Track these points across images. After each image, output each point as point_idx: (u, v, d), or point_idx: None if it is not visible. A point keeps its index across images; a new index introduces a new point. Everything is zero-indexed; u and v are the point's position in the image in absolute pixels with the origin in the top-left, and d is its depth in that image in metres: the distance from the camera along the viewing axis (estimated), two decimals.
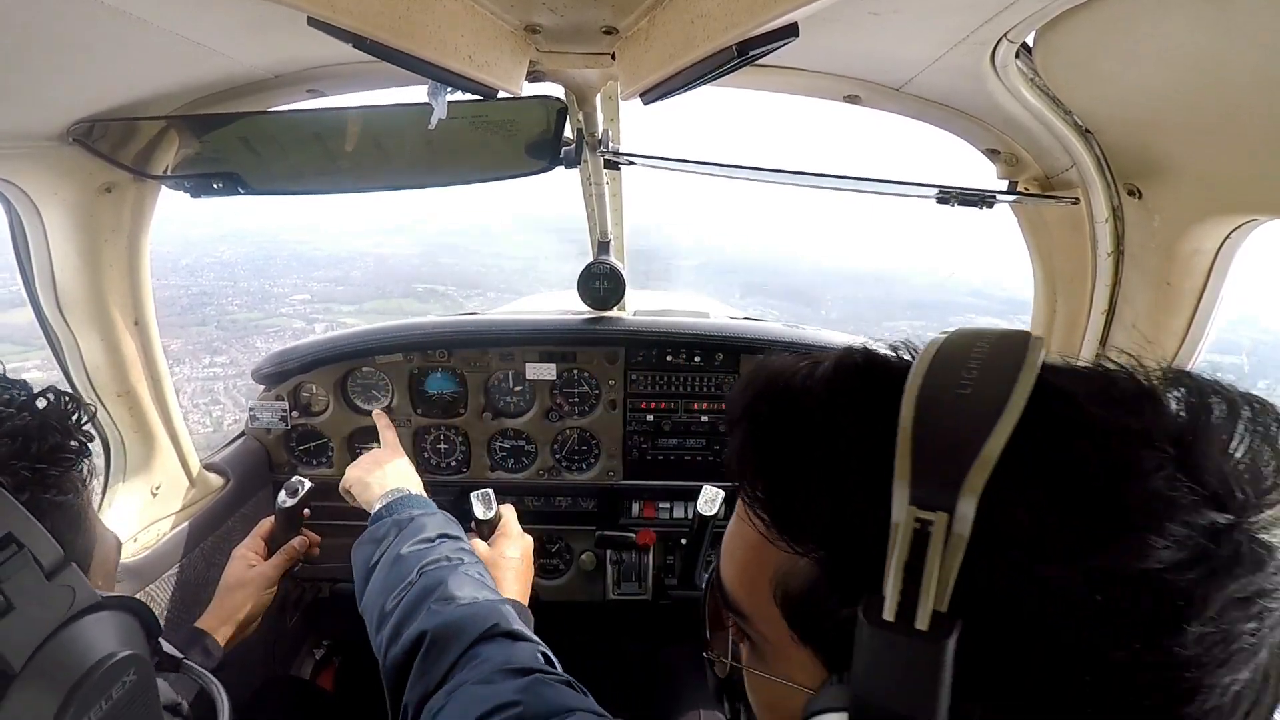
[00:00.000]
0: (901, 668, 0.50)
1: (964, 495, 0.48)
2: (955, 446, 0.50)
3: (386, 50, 1.04)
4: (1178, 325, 1.45)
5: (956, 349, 0.57)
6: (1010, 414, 0.50)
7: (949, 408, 0.52)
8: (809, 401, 0.62)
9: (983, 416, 0.50)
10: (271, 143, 1.70)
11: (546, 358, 2.57)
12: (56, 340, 1.78)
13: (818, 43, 1.40)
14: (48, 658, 0.74)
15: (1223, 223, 1.30)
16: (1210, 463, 0.50)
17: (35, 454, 0.88)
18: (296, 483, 1.99)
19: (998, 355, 0.55)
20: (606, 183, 2.24)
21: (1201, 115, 1.13)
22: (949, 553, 0.48)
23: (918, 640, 0.48)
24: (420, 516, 1.74)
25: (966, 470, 0.48)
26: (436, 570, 1.54)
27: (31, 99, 1.36)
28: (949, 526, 0.48)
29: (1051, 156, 1.57)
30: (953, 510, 0.48)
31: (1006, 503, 0.49)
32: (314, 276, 48.12)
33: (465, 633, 1.32)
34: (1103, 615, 0.48)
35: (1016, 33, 1.16)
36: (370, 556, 1.68)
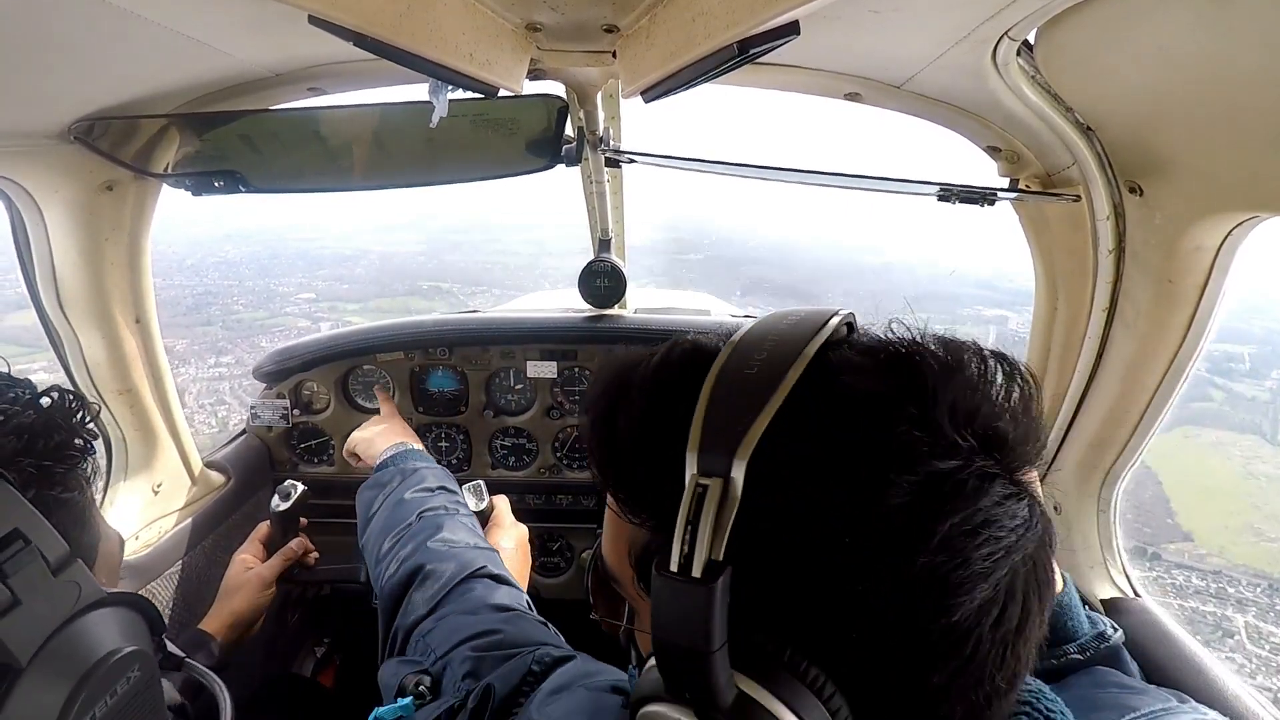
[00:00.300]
0: (681, 610, 0.57)
1: (735, 462, 0.57)
2: (732, 421, 0.59)
3: (387, 48, 1.04)
4: (1179, 322, 1.44)
5: (756, 334, 0.67)
6: (781, 391, 0.60)
7: (736, 387, 0.62)
8: (636, 392, 0.71)
9: (759, 394, 0.60)
10: (272, 141, 1.70)
11: (547, 355, 2.57)
12: (58, 338, 1.78)
13: (818, 40, 1.40)
14: (54, 652, 0.74)
15: (1224, 220, 1.29)
16: (948, 415, 0.60)
17: (41, 451, 0.89)
18: (290, 486, 1.99)
19: (786, 339, 0.65)
20: (607, 181, 2.24)
21: (1203, 112, 1.13)
22: (723, 511, 0.57)
23: (693, 585, 0.56)
24: (422, 468, 1.86)
25: (738, 442, 0.57)
26: (434, 516, 1.65)
27: (33, 97, 1.36)
28: (724, 489, 0.57)
29: (1053, 154, 1.57)
30: (727, 475, 0.57)
31: (779, 465, 0.59)
32: (319, 275, 47.98)
33: (457, 569, 1.44)
34: (851, 550, 0.57)
35: (1018, 30, 1.16)
36: (374, 499, 1.79)
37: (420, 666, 1.24)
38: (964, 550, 0.57)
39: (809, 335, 0.64)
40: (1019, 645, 0.61)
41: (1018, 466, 0.63)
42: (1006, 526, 0.58)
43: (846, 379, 0.62)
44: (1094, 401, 1.68)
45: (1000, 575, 0.58)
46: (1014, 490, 0.60)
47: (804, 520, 0.59)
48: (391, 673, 1.27)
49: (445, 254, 62.02)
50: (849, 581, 0.57)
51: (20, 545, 0.73)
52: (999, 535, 0.58)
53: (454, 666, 1.18)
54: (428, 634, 1.29)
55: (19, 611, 0.72)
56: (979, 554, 0.57)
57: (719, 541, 0.56)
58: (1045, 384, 1.89)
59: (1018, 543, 0.59)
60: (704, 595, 0.56)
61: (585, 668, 1.11)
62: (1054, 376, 1.84)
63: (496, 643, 1.19)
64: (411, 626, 1.35)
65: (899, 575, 0.56)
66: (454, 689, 1.14)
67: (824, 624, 0.59)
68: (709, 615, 0.56)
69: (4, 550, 0.72)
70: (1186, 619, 12.87)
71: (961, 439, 0.59)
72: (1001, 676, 0.60)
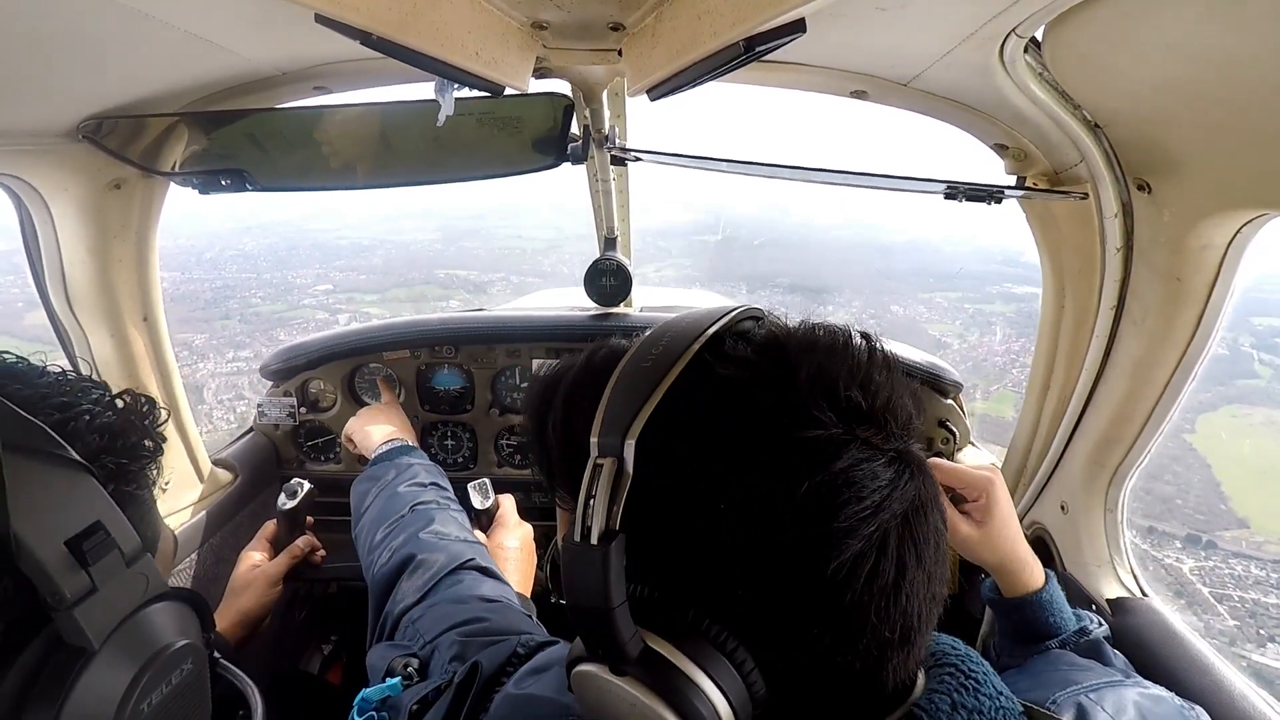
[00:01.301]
0: (583, 572, 0.65)
1: (626, 443, 0.65)
2: (626, 408, 0.67)
3: (393, 47, 1.04)
4: (1188, 320, 1.44)
5: (657, 332, 0.75)
6: (666, 381, 0.67)
7: (633, 378, 0.69)
8: (562, 392, 0.82)
9: (649, 383, 0.68)
10: (279, 139, 1.71)
11: (553, 354, 2.57)
12: (66, 336, 1.79)
13: (825, 38, 1.39)
14: (122, 639, 0.80)
15: (1233, 218, 1.29)
16: (808, 391, 0.66)
17: (119, 449, 0.94)
18: (296, 484, 1.99)
19: (681, 334, 0.72)
20: (613, 179, 2.24)
21: (1212, 109, 1.12)
22: (616, 487, 0.65)
23: (590, 549, 0.64)
24: (416, 465, 1.92)
25: (628, 425, 0.65)
26: (426, 509, 1.70)
27: (41, 96, 1.36)
28: (617, 467, 0.65)
29: (1060, 151, 1.57)
30: (619, 455, 0.65)
31: (665, 444, 0.67)
32: (336, 266, 47.73)
33: (447, 560, 1.48)
34: (727, 514, 0.65)
35: (1025, 27, 1.16)
36: (368, 491, 1.84)
37: (408, 650, 1.29)
38: (827, 508, 0.63)
39: (698, 331, 0.72)
40: (900, 598, 0.66)
41: (883, 434, 0.68)
42: (868, 487, 0.64)
43: (725, 368, 0.70)
44: (1101, 400, 1.67)
45: (869, 531, 0.64)
46: (873, 454, 0.66)
47: (686, 491, 0.67)
48: (380, 656, 1.32)
49: (462, 240, 61.84)
50: (730, 542, 0.65)
51: (102, 536, 0.78)
52: (861, 495, 0.64)
53: (441, 650, 1.23)
54: (417, 620, 1.34)
55: (96, 598, 0.77)
56: (844, 512, 0.63)
57: (614, 512, 0.64)
58: (1052, 382, 1.88)
59: (883, 502, 0.65)
60: (599, 557, 0.63)
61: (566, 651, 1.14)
62: (1061, 375, 1.83)
63: (484, 629, 1.24)
64: (401, 613, 1.39)
65: (772, 534, 0.64)
66: (441, 671, 1.19)
67: (713, 583, 0.67)
68: (605, 576, 0.63)
69: (88, 539, 0.76)
70: (1247, 612, 12.45)
71: (820, 411, 0.65)
72: (887, 628, 0.66)
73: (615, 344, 0.83)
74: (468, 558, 1.50)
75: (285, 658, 2.59)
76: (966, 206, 1.70)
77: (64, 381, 0.96)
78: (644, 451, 0.65)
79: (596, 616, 0.65)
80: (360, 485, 1.88)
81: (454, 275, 49.55)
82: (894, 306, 41.44)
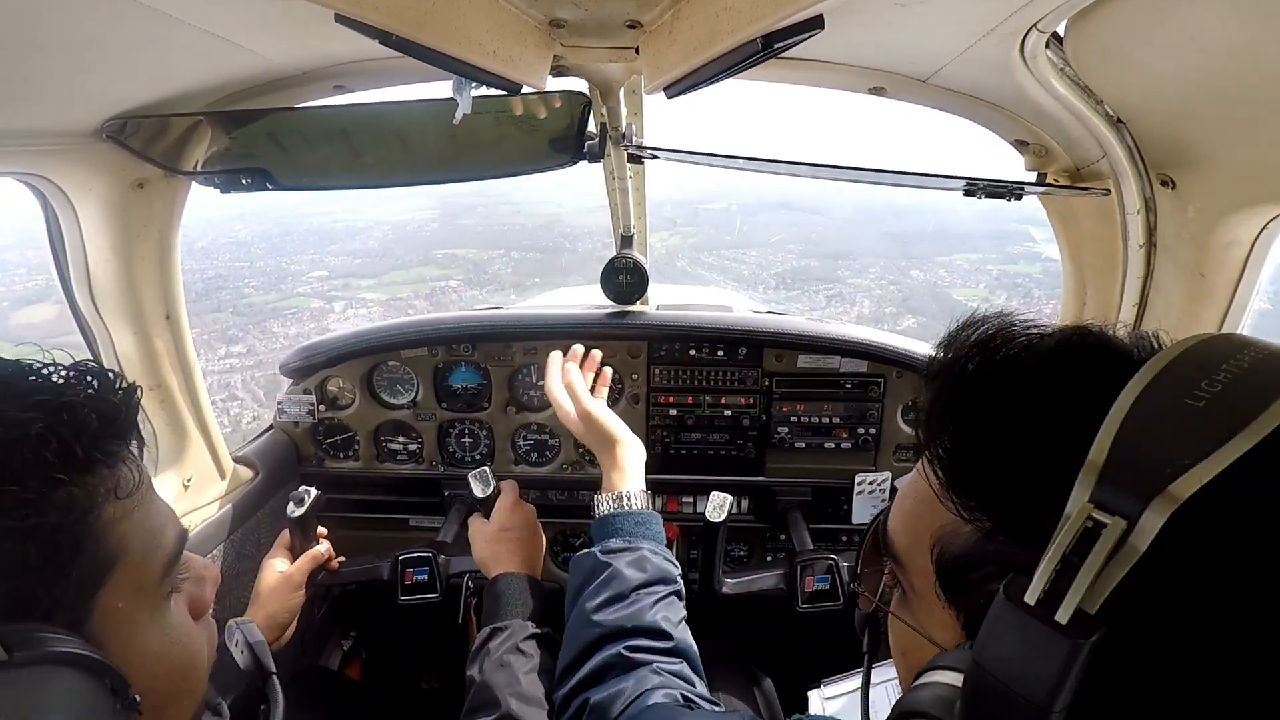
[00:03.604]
0: (1026, 651, 0.48)
1: (1153, 508, 0.45)
2: (1160, 456, 0.47)
3: (412, 46, 1.05)
4: (1212, 317, 1.42)
5: (1206, 356, 0.52)
6: (1244, 439, 0.45)
7: (1170, 413, 0.49)
8: (1019, 369, 0.60)
9: (1208, 434, 0.47)
10: (299, 138, 1.72)
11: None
12: (90, 333, 1.82)
13: (843, 35, 1.39)
14: None
15: (1259, 213, 1.27)
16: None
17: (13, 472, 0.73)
18: (303, 492, 2.00)
19: (1256, 373, 0.50)
20: (630, 177, 2.24)
21: (1238, 103, 1.11)
22: (1117, 561, 0.46)
23: (1054, 632, 0.47)
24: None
25: (1165, 484, 0.45)
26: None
27: (66, 96, 1.38)
28: (1125, 534, 0.46)
29: (1082, 147, 1.55)
30: (1133, 519, 0.46)
31: (1205, 530, 0.46)
32: (331, 250, 46.84)
33: None
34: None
35: (1046, 22, 1.15)
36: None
37: None
38: None
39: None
40: None
41: None
42: None
43: None
44: None
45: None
46: None
47: (1235, 611, 0.46)
48: None
49: (459, 218, 60.83)
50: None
51: None
52: None
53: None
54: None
55: None
56: None
57: (1096, 594, 0.46)
58: None
59: None
60: (1064, 648, 0.46)
61: None
62: None
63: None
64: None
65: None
66: None
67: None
68: (1063, 673, 0.46)
69: None
70: None
71: None
72: None
73: (1106, 339, 0.61)
74: None
75: (306, 655, 2.62)
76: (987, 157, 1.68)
77: None
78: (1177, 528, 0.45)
79: (1018, 710, 0.49)
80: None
81: (452, 255, 48.60)
82: (914, 271, 40.69)
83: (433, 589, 2.15)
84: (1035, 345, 0.61)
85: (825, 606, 2.15)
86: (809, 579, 2.16)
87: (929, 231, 48.50)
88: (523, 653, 1.50)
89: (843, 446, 2.62)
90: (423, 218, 59.82)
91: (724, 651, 2.34)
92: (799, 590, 2.15)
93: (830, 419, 2.60)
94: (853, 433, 2.60)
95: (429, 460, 2.71)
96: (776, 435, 2.63)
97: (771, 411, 2.61)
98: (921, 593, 0.68)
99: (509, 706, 1.37)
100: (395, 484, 2.74)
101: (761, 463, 2.67)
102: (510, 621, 1.57)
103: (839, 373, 2.55)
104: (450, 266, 46.23)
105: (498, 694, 1.40)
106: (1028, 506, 0.53)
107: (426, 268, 45.89)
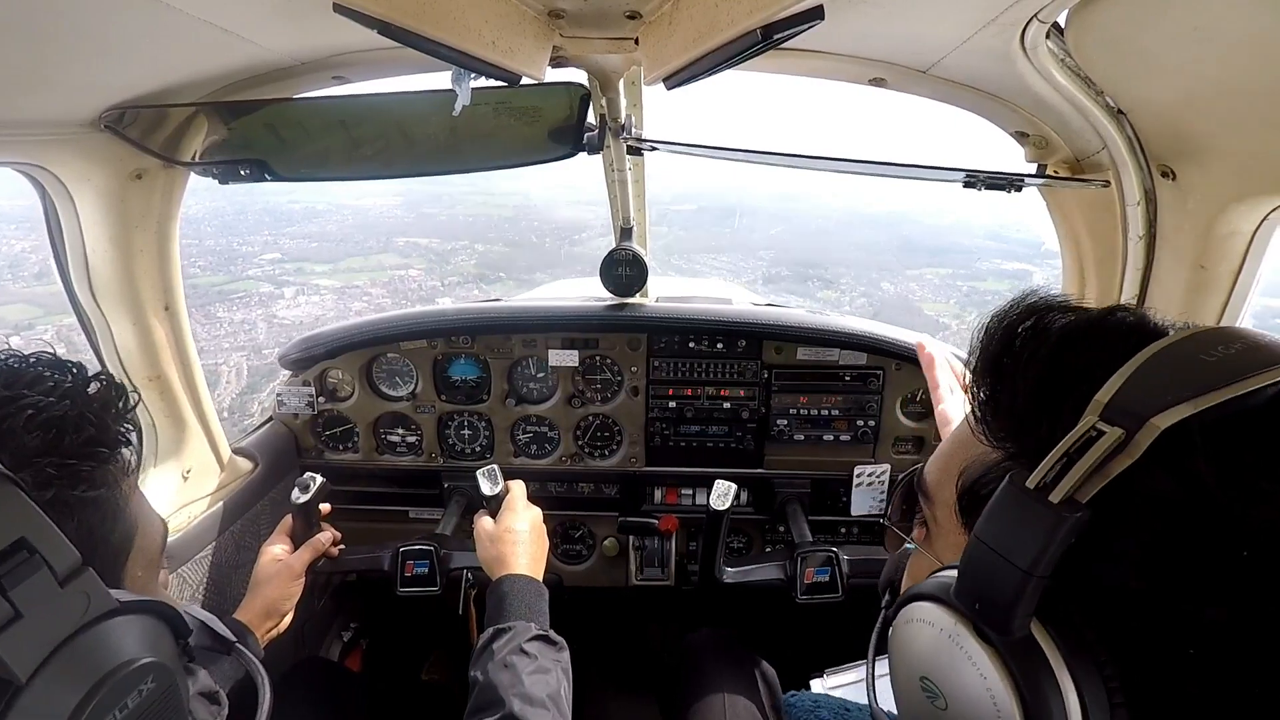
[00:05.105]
0: (1019, 526, 0.56)
1: (1150, 421, 0.52)
2: (1164, 391, 0.53)
3: (411, 36, 1.04)
4: (1212, 308, 1.42)
5: (1228, 333, 0.59)
6: (1241, 385, 0.52)
7: (1185, 361, 0.56)
8: (1058, 327, 0.66)
9: (1209, 377, 0.53)
10: (298, 129, 1.72)
11: (569, 344, 2.58)
12: (90, 324, 1.82)
13: (843, 25, 1.38)
14: (59, 666, 0.71)
15: (1261, 204, 1.27)
16: None
17: (66, 448, 0.87)
18: (309, 479, 2.00)
19: (1270, 348, 0.56)
20: (629, 169, 2.23)
21: (1240, 94, 1.11)
22: (1110, 461, 0.53)
23: (1044, 508, 0.54)
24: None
25: (1163, 409, 0.52)
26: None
27: (64, 86, 1.38)
28: (1121, 442, 0.53)
29: (1082, 139, 1.55)
30: (1131, 432, 0.52)
31: (1196, 451, 0.52)
32: (286, 233, 45.11)
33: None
34: (1229, 580, 0.52)
35: (1047, 12, 1.14)
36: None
37: None
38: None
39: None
40: None
41: None
42: None
43: None
44: None
45: None
46: None
47: (1201, 523, 0.52)
48: None
49: (424, 206, 59.59)
50: (1228, 614, 0.52)
51: (24, 556, 0.70)
52: None
53: None
54: None
55: (19, 625, 0.68)
56: None
57: (1089, 486, 0.53)
58: None
59: None
60: (1051, 520, 0.54)
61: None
62: None
63: None
64: None
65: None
66: None
67: (1159, 640, 0.55)
68: (1048, 541, 0.54)
69: (5, 562, 0.68)
70: None
71: None
72: None
73: (1144, 316, 0.67)
74: None
75: (305, 645, 2.63)
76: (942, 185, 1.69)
77: (12, 371, 0.89)
78: (1163, 446, 0.52)
79: (1004, 571, 0.56)
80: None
81: (415, 244, 47.28)
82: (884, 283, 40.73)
83: (433, 582, 2.16)
84: (1082, 313, 0.68)
85: (825, 598, 2.16)
86: (809, 570, 2.17)
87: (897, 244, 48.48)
88: (526, 654, 1.51)
89: (841, 439, 2.62)
90: (386, 203, 58.33)
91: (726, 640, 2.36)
92: (799, 581, 2.16)
93: (829, 411, 2.60)
94: (851, 425, 2.61)
95: (428, 452, 2.71)
96: (775, 427, 2.63)
97: (771, 404, 2.61)
98: (942, 523, 0.79)
99: (513, 707, 1.38)
100: (395, 476, 2.75)
101: (760, 455, 2.67)
102: (514, 623, 1.58)
103: (838, 365, 2.56)
104: (411, 255, 44.90)
105: (502, 694, 1.41)
106: (1044, 431, 0.60)
107: (385, 255, 44.90)
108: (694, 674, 2.19)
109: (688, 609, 2.91)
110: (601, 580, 2.80)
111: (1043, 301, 0.71)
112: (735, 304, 2.96)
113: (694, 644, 2.39)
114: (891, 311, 34.99)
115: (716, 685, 2.12)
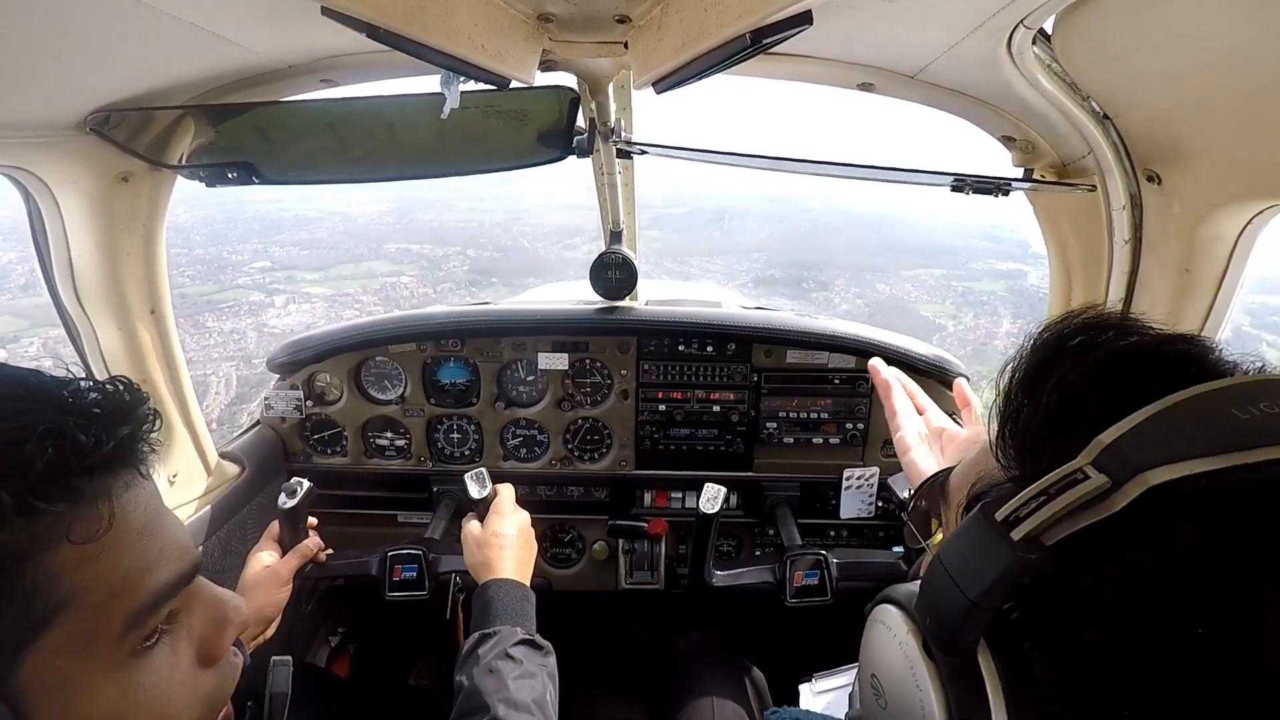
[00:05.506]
0: (976, 554, 0.55)
1: (1135, 481, 0.49)
2: (1181, 438, 0.50)
3: (400, 40, 1.04)
4: (1197, 312, 1.43)
5: (1262, 386, 0.54)
6: (1258, 453, 0.47)
7: (1213, 413, 0.51)
8: (1111, 350, 0.62)
9: (1232, 436, 0.49)
10: (286, 132, 1.71)
11: (559, 347, 2.58)
12: (75, 329, 1.80)
13: (832, 30, 1.39)
14: None
15: (1245, 208, 1.28)
16: None
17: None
18: (295, 484, 1.99)
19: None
20: (619, 172, 2.23)
21: (1224, 99, 1.12)
22: (1084, 510, 0.50)
23: (999, 541, 0.53)
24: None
25: (1164, 460, 0.48)
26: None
27: (49, 88, 1.37)
28: (1105, 491, 0.49)
29: (1068, 143, 1.56)
30: (1121, 481, 0.49)
31: (1180, 515, 0.48)
32: (277, 240, 44.52)
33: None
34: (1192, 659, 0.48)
35: (1034, 18, 1.15)
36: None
37: None
38: None
39: None
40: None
41: None
42: None
43: None
44: None
45: None
46: None
47: (1167, 593, 0.49)
48: None
49: (415, 212, 58.92)
50: (1164, 680, 0.49)
51: None
52: None
53: None
54: None
55: None
56: None
57: (1055, 530, 0.51)
58: None
59: None
60: (1006, 558, 0.52)
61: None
62: None
63: None
64: None
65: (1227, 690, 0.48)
66: None
67: (1101, 695, 0.52)
68: (996, 574, 0.53)
69: None
70: None
71: None
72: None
73: (1204, 349, 0.62)
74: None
75: (293, 650, 2.61)
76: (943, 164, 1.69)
77: None
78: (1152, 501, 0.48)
79: (951, 595, 0.56)
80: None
81: (406, 250, 46.91)
82: (879, 285, 40.80)
83: (421, 587, 2.15)
84: (1147, 337, 0.64)
85: (814, 601, 2.16)
86: (798, 574, 2.17)
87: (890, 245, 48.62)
88: (512, 658, 1.50)
89: (831, 442, 2.63)
90: (377, 210, 57.44)
91: (716, 643, 2.35)
92: (788, 585, 2.16)
93: (818, 414, 2.61)
94: (841, 428, 2.61)
95: (417, 456, 2.70)
96: (765, 431, 2.64)
97: (760, 407, 2.61)
98: (946, 518, 0.84)
99: (497, 712, 1.37)
100: (383, 480, 2.73)
101: (750, 458, 2.67)
102: (500, 627, 1.57)
103: (827, 368, 2.56)
104: (403, 262, 44.38)
105: (487, 699, 1.40)
106: (1045, 462, 0.57)
107: (377, 262, 44.12)
108: (683, 677, 2.19)
109: (677, 612, 2.91)
110: (591, 584, 2.79)
111: (1098, 318, 0.66)
112: (725, 307, 2.97)
113: (683, 647, 2.39)
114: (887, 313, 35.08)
115: (705, 689, 2.12)
